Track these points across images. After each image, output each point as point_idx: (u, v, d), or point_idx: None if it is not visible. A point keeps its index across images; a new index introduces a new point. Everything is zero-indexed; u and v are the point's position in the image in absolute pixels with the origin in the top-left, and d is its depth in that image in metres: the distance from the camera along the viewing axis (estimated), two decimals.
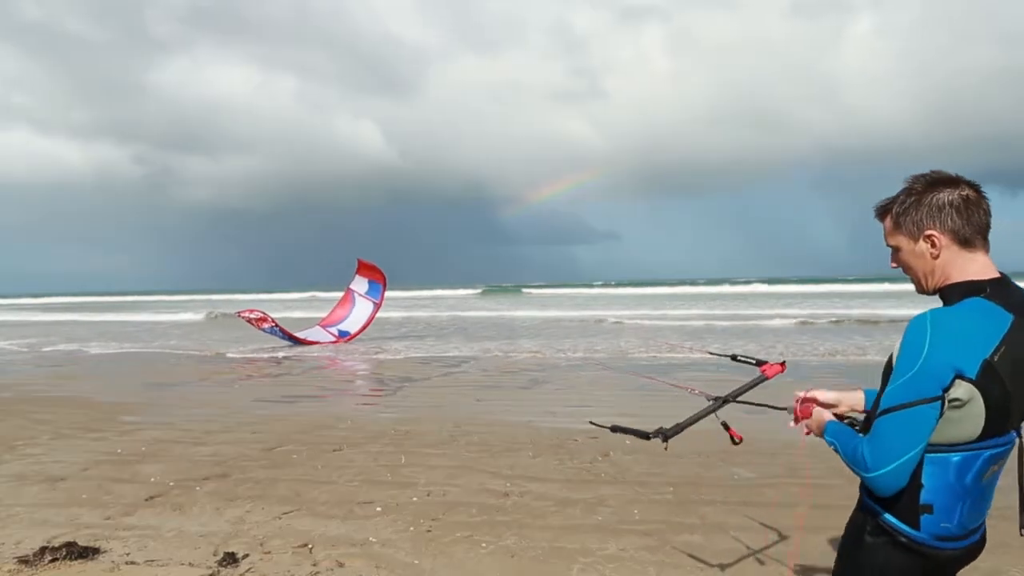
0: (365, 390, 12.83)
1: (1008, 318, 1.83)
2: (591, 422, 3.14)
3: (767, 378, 2.79)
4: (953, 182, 1.94)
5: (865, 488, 2.01)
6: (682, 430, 2.52)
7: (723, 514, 5.34)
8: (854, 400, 2.38)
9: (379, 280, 23.82)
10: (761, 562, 4.46)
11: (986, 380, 1.79)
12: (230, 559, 4.59)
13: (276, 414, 10.02)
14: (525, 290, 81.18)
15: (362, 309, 23.83)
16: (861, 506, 2.08)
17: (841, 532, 2.18)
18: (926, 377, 1.80)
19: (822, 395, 2.39)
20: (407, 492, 6.04)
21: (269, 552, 4.76)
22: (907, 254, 2.02)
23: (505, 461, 7.02)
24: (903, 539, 1.95)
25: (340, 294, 25.22)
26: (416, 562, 4.58)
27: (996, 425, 1.85)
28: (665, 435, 2.47)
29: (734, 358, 3.16)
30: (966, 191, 1.93)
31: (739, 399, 2.79)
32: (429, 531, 5.12)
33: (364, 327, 23.47)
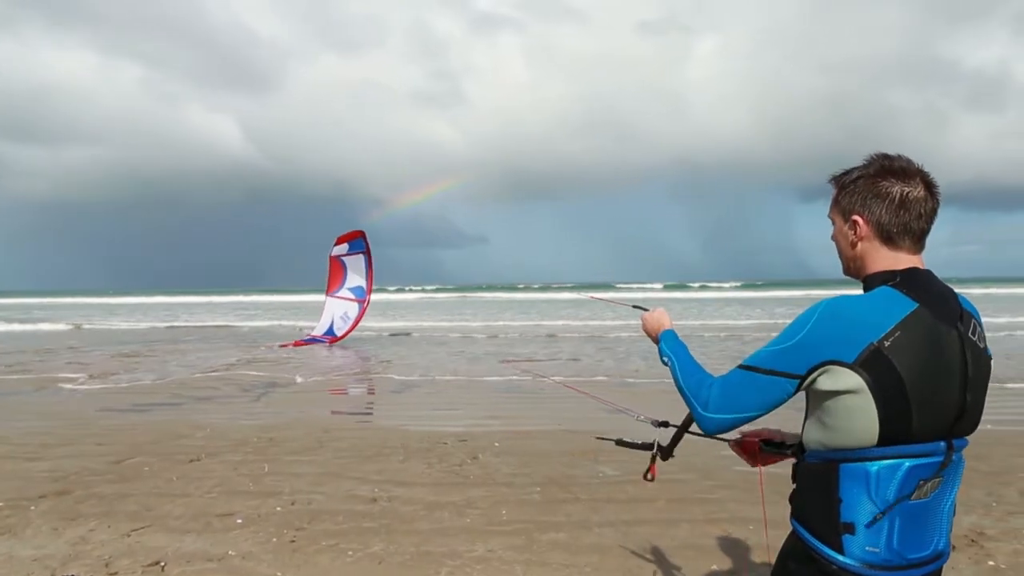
0: (226, 396, 12.22)
1: (910, 305, 1.73)
2: (598, 437, 3.15)
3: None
4: (907, 175, 1.83)
5: (794, 511, 1.90)
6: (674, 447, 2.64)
7: (587, 511, 5.52)
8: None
9: (357, 236, 22.96)
10: (623, 554, 4.65)
11: (871, 365, 1.68)
12: None
13: (126, 424, 9.36)
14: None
15: (355, 266, 23.00)
16: (792, 531, 1.93)
17: (694, 522, 2.25)
18: (797, 353, 1.76)
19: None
20: (270, 502, 5.83)
21: (115, 573, 4.44)
22: (836, 231, 1.96)
23: (374, 466, 6.92)
24: (834, 567, 1.76)
25: (199, 298, 24.21)
26: (278, 574, 4.42)
27: (898, 422, 1.70)
28: (663, 451, 2.60)
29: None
30: (913, 190, 1.82)
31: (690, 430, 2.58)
32: (293, 541, 4.96)
33: (370, 280, 22.76)
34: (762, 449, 2.22)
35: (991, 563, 4.46)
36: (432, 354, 18.35)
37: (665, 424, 2.66)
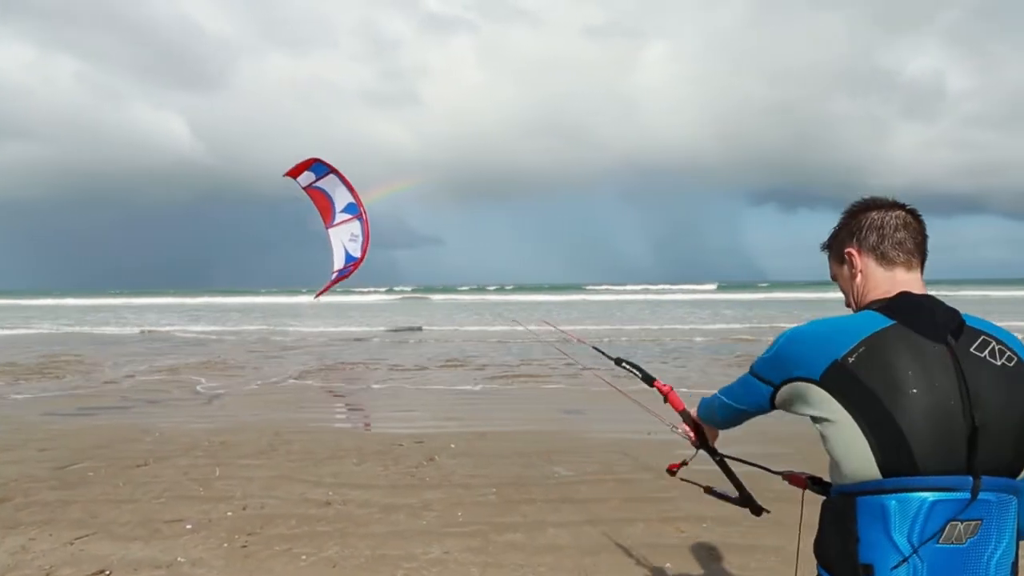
0: (176, 399, 11.92)
1: (884, 321, 1.66)
2: (682, 478, 2.80)
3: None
4: (880, 205, 1.87)
5: (815, 550, 1.79)
6: (745, 490, 2.58)
7: (543, 512, 5.54)
8: None
9: (312, 162, 22.28)
10: (578, 554, 4.68)
11: (836, 382, 1.63)
12: None
13: (70, 428, 9.07)
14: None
15: (333, 187, 22.37)
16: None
17: (648, 521, 2.26)
18: (772, 364, 1.82)
19: None
20: (221, 506, 5.71)
21: None
22: (839, 280, 1.95)
23: (328, 469, 6.84)
24: None
25: (144, 299, 23.56)
26: None
27: (895, 448, 1.57)
28: (757, 508, 2.52)
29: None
30: (890, 212, 1.84)
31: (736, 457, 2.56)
32: (245, 546, 4.87)
33: (354, 192, 22.19)
34: (808, 487, 2.13)
35: None
36: (386, 356, 18.22)
37: (716, 452, 2.52)
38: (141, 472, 6.79)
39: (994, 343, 1.65)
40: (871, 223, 1.84)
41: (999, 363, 1.62)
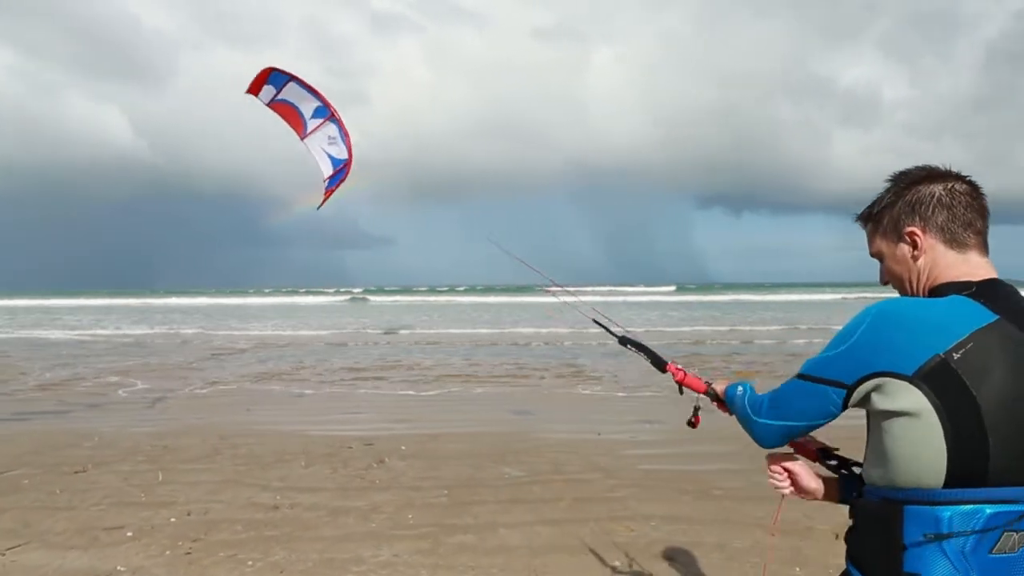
0: (116, 403, 11.54)
1: (989, 316, 1.48)
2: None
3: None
4: (941, 176, 1.67)
5: (850, 551, 1.67)
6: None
7: (494, 513, 5.55)
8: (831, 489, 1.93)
9: (268, 72, 21.04)
10: (529, 554, 4.70)
11: (936, 381, 1.43)
12: None
13: (3, 434, 8.71)
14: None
15: (297, 95, 21.26)
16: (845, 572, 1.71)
17: (599, 520, 2.09)
18: (845, 361, 1.57)
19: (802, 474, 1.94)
20: (164, 513, 5.56)
21: None
22: (889, 260, 1.73)
23: (275, 473, 6.73)
24: None
25: (80, 300, 22.54)
26: None
27: (972, 459, 1.43)
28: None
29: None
30: (955, 184, 1.65)
31: None
32: (188, 553, 4.75)
33: (319, 94, 21.18)
34: (820, 460, 1.96)
35: None
36: (333, 359, 18.00)
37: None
38: (79, 478, 6.57)
39: None
40: (938, 199, 1.64)
41: None
